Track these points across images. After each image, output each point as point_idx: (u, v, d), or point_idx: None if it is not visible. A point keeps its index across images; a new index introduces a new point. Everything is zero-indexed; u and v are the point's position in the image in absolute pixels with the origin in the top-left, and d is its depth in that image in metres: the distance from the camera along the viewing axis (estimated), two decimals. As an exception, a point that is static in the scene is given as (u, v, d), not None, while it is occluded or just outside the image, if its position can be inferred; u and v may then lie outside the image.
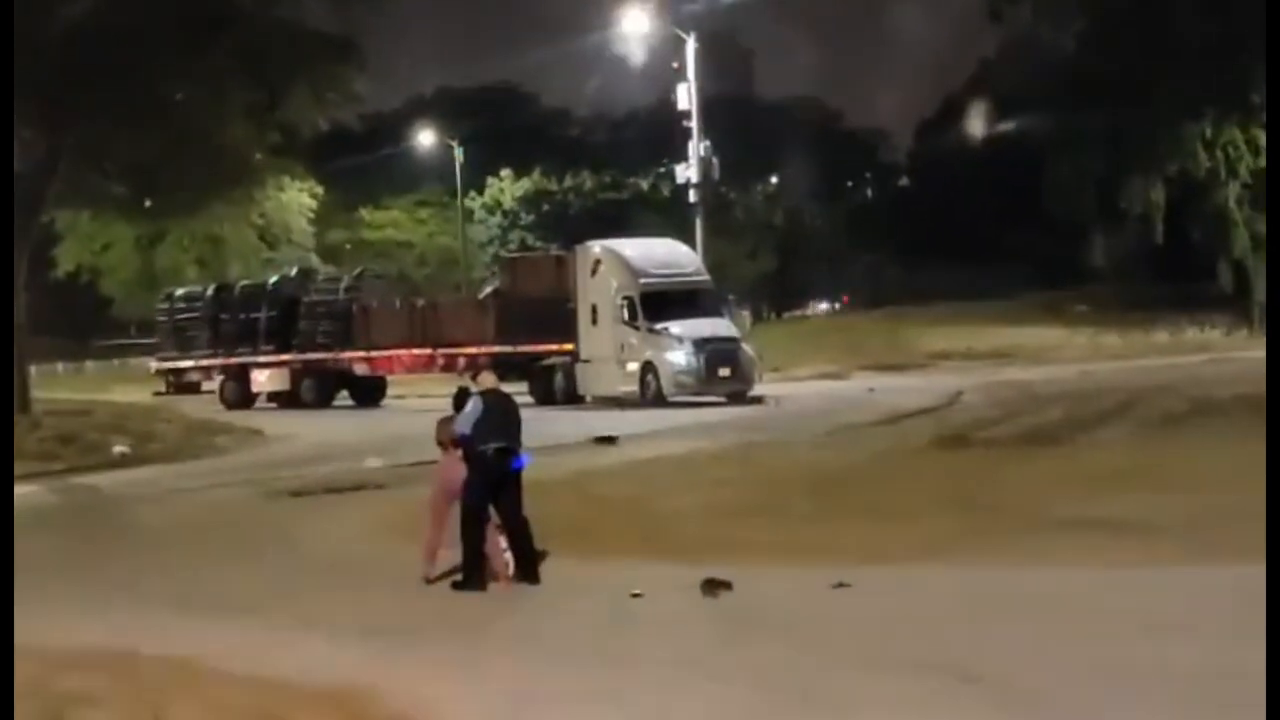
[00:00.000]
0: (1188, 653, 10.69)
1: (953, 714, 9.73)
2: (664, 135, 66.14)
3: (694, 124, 54.54)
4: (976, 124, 77.77)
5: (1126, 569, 14.05)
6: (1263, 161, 60.46)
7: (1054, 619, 12.11)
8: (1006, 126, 72.21)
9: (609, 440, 29.74)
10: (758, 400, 40.46)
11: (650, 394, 40.85)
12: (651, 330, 41.15)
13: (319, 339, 49.88)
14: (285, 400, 50.13)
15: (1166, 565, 14.18)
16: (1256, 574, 12.55)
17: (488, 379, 15.45)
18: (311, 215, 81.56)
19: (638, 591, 13.94)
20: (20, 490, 24.91)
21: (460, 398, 15.06)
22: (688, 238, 50.89)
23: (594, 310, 42.68)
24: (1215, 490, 17.91)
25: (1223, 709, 9.49)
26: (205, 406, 48.13)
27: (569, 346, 43.37)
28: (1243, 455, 20.51)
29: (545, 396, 43.13)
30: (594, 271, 43.08)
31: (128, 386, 58.51)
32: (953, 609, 12.75)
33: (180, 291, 57.21)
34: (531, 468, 15.17)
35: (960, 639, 11.57)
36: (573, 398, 43.01)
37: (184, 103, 42.03)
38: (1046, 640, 11.42)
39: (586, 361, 42.94)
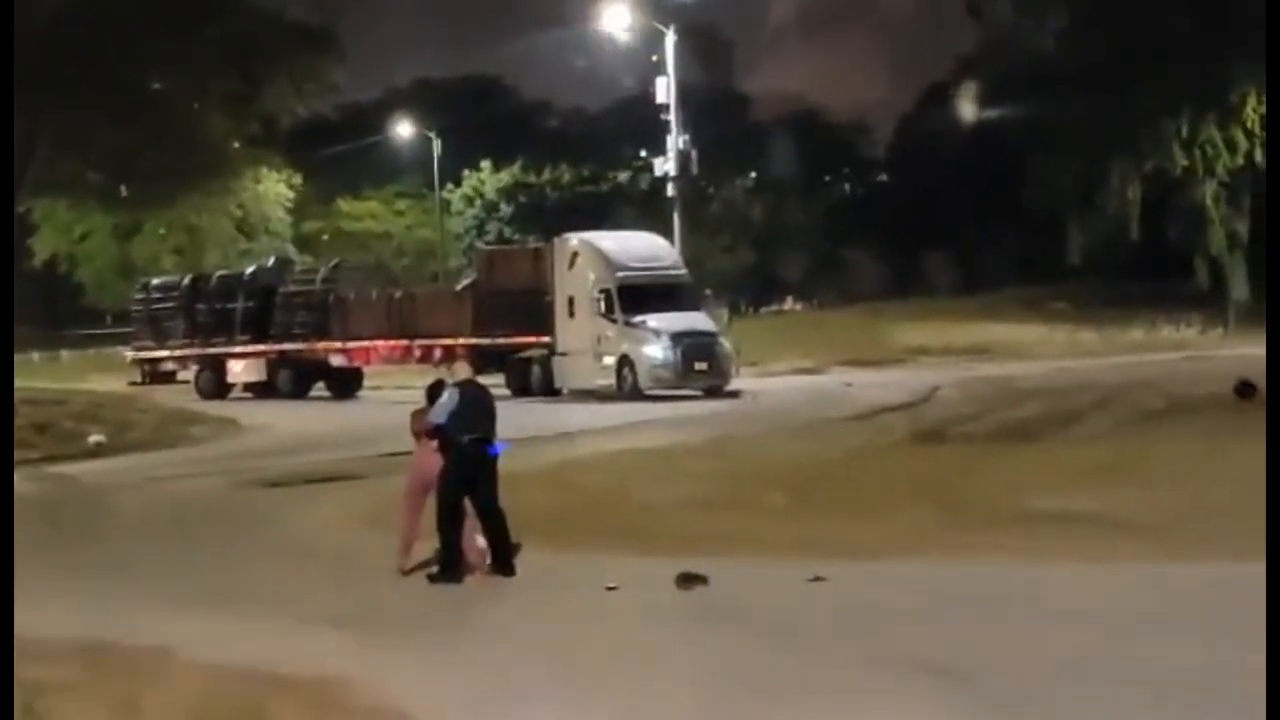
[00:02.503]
0: (1164, 649, 10.71)
1: (927, 710, 9.74)
2: (643, 128, 66.08)
3: (673, 117, 54.55)
4: (955, 120, 77.77)
5: (1103, 564, 14.09)
6: (1239, 160, 60.69)
7: (1030, 614, 12.13)
8: (986, 122, 72.22)
9: None
10: (734, 395, 40.44)
11: (627, 387, 40.80)
12: (628, 324, 41.10)
13: (295, 330, 49.72)
14: (261, 391, 49.97)
15: (1144, 561, 14.22)
16: (1235, 571, 12.66)
17: (462, 370, 15.46)
18: (289, 206, 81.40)
19: (613, 584, 13.94)
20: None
21: (435, 390, 15.05)
22: (666, 231, 50.88)
23: (571, 303, 42.62)
24: (1193, 487, 17.99)
25: (1199, 705, 9.51)
26: (180, 396, 48.00)
27: (546, 339, 43.34)
28: (1220, 452, 20.63)
29: (522, 389, 43.03)
30: (571, 264, 43.03)
31: (103, 376, 58.21)
32: (928, 604, 12.76)
33: (156, 281, 56.90)
34: (508, 460, 15.16)
35: (936, 634, 11.58)
36: (549, 390, 42.93)
37: (163, 91, 41.93)
38: (1022, 636, 11.44)
39: (563, 354, 42.89)
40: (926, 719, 9.63)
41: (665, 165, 55.76)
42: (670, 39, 54.59)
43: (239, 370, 51.00)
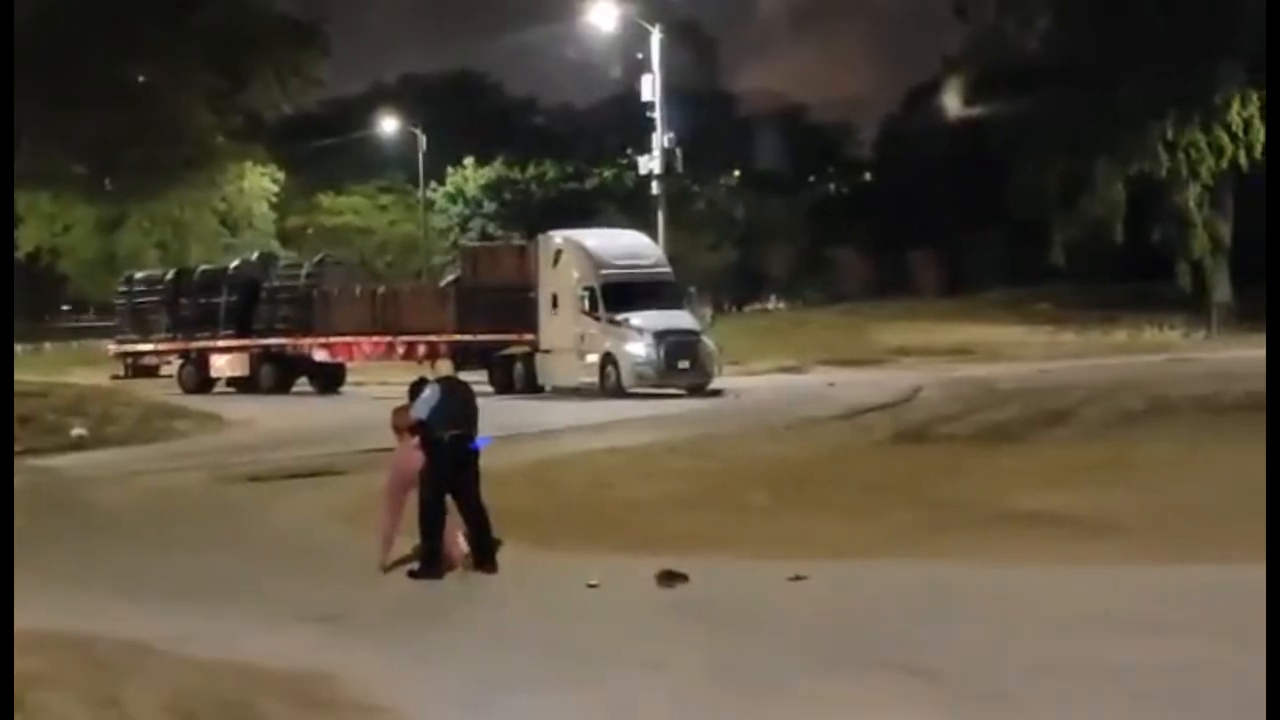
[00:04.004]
0: (1146, 650, 10.72)
1: (909, 711, 9.74)
2: (629, 125, 66.07)
3: (658, 115, 54.58)
4: (941, 120, 77.89)
5: (1086, 565, 14.10)
6: (1223, 164, 60.88)
7: (1012, 615, 12.13)
8: (970, 123, 72.31)
9: None
10: (717, 393, 40.44)
11: (610, 385, 40.78)
12: (612, 321, 41.10)
13: (278, 325, 49.71)
14: (244, 385, 49.93)
15: (1126, 562, 14.23)
16: (1218, 572, 12.66)
17: (445, 366, 15.47)
18: (273, 200, 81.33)
19: (594, 582, 13.94)
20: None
21: (417, 388, 15.04)
22: (650, 229, 50.87)
23: (554, 300, 42.63)
24: (1175, 488, 18.03)
25: (1183, 706, 9.52)
26: (163, 390, 47.87)
27: (529, 336, 43.31)
28: (1202, 454, 20.67)
29: (505, 386, 42.96)
30: (555, 261, 43.03)
31: (86, 369, 58.07)
32: (910, 604, 12.76)
33: (140, 275, 56.81)
34: (489, 457, 15.15)
35: (917, 635, 11.59)
36: (532, 387, 42.90)
37: (147, 84, 41.90)
38: (1004, 637, 11.44)
39: (546, 352, 42.87)
40: (905, 719, 9.65)
41: (650, 163, 55.77)
42: (656, 37, 54.65)
43: (222, 365, 50.98)
